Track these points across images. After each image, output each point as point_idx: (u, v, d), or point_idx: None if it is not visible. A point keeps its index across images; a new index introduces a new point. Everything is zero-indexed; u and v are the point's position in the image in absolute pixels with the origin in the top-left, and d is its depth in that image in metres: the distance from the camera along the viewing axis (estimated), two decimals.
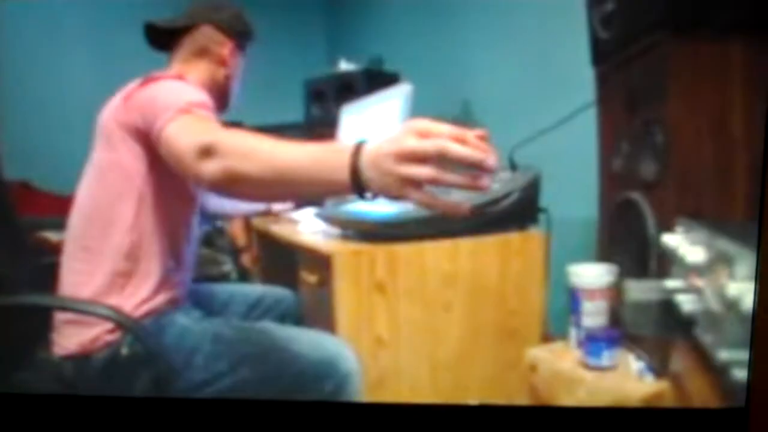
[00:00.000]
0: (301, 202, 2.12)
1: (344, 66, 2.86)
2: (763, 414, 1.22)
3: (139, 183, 1.39)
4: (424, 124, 0.87)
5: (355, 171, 0.91)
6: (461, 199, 1.39)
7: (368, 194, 0.93)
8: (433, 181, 0.86)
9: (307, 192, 1.11)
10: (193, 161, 1.11)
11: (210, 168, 1.08)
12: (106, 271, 1.39)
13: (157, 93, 1.36)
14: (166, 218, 1.44)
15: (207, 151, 1.09)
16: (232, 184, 1.08)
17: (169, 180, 1.33)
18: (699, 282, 1.03)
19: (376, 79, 2.62)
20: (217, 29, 1.59)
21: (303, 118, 3.01)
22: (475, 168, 0.85)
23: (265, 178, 1.03)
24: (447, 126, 0.87)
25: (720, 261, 0.94)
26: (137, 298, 1.39)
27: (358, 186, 0.92)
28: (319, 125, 2.82)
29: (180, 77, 1.47)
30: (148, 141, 1.33)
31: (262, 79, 1.88)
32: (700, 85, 1.41)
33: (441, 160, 0.85)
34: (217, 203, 1.92)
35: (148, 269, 1.42)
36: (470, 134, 0.87)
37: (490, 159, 0.85)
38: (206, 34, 1.58)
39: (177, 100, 1.29)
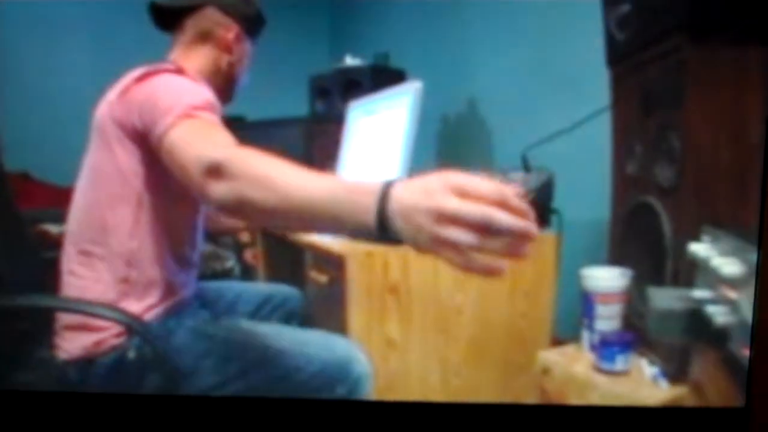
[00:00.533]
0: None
1: (350, 62, 2.84)
2: (763, 414, 1.22)
3: (137, 186, 1.34)
4: (463, 181, 0.81)
5: (382, 217, 0.86)
6: None
7: (394, 238, 0.87)
8: (475, 249, 0.80)
9: (324, 228, 1.05)
10: (200, 178, 1.05)
11: (219, 190, 1.02)
12: (108, 278, 1.35)
13: (157, 91, 1.29)
14: (168, 223, 1.39)
15: (216, 171, 1.02)
16: (242, 210, 1.02)
17: (169, 183, 1.24)
18: (732, 294, 1.01)
19: (381, 76, 2.60)
20: (223, 12, 1.50)
21: (307, 114, 2.99)
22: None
23: (279, 209, 0.97)
24: (486, 184, 0.80)
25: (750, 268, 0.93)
26: (143, 304, 1.36)
27: (384, 232, 0.87)
28: (323, 121, 2.81)
29: (180, 71, 1.39)
30: (146, 143, 1.27)
31: (266, 74, 1.86)
32: (719, 91, 1.40)
33: (483, 225, 0.79)
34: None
35: (153, 276, 1.37)
36: (511, 194, 0.81)
37: (534, 227, 0.80)
38: (210, 16, 1.49)
39: (178, 102, 1.23)
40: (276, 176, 0.97)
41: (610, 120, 1.76)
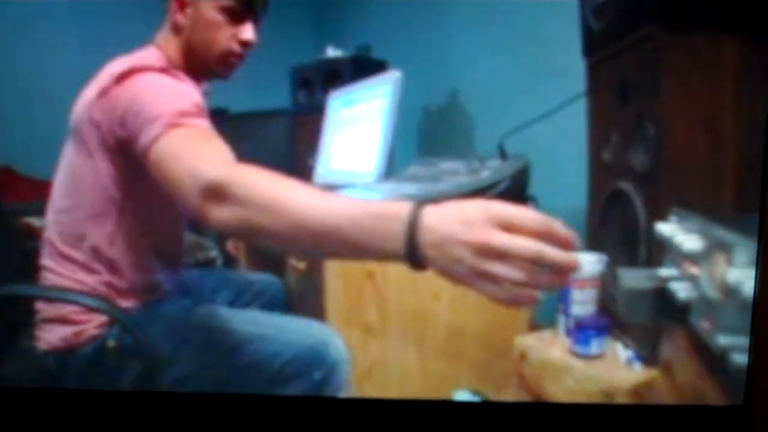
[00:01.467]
0: None
1: (331, 53, 2.85)
2: (763, 413, 1.23)
3: (117, 195, 1.30)
4: (507, 213, 0.77)
5: (412, 246, 0.80)
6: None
7: (422, 266, 0.81)
8: (524, 284, 0.76)
9: (344, 255, 0.99)
10: (197, 198, 0.97)
11: (221, 214, 0.94)
12: (89, 281, 1.33)
13: (140, 96, 1.20)
14: (151, 226, 1.36)
15: (216, 193, 0.94)
16: (249, 235, 0.97)
17: (152, 189, 1.14)
18: (694, 270, 1.03)
19: (363, 67, 2.61)
20: None
21: (290, 105, 3.00)
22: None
23: (291, 235, 0.89)
24: (531, 215, 0.77)
25: (718, 249, 0.95)
26: (124, 301, 1.35)
27: (415, 261, 0.81)
28: (305, 112, 2.82)
29: (164, 70, 1.29)
30: (129, 151, 1.19)
31: (248, 66, 1.85)
32: (693, 79, 1.42)
33: (532, 261, 0.75)
34: None
35: (136, 279, 1.36)
36: (556, 225, 0.77)
37: (577, 258, 0.77)
38: None
39: (164, 108, 1.14)
40: (286, 200, 0.90)
41: (587, 108, 1.78)
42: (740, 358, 0.89)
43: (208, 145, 1.09)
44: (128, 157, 1.21)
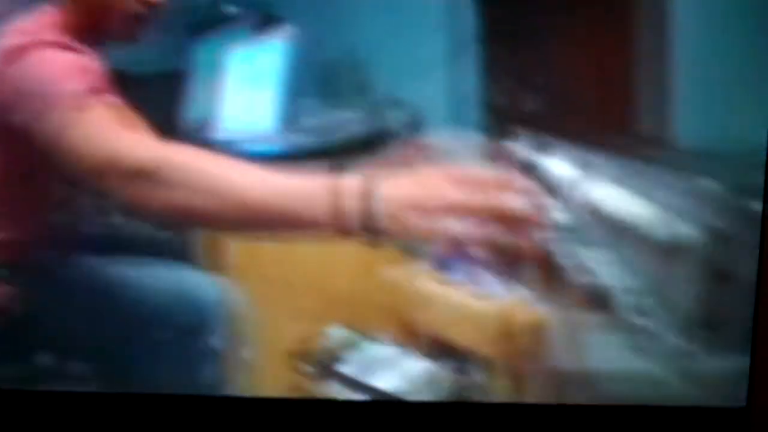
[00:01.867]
0: None
1: (228, 10, 2.79)
2: (763, 414, 1.27)
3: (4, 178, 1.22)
4: (460, 171, 0.76)
5: (367, 218, 0.79)
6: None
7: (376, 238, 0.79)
8: (489, 245, 0.75)
9: (293, 235, 0.96)
10: (125, 186, 0.95)
11: (154, 200, 0.93)
12: None
13: (33, 77, 1.12)
14: (44, 203, 1.30)
15: (147, 178, 0.93)
16: (186, 220, 0.95)
17: (44, 168, 1.12)
18: (568, 195, 1.07)
19: (260, 23, 2.57)
20: None
21: (185, 64, 2.93)
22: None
23: (233, 219, 0.89)
24: (485, 172, 0.76)
25: (585, 171, 0.98)
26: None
27: (371, 234, 0.80)
28: (202, 70, 2.76)
29: (59, 44, 1.18)
30: (21, 135, 1.11)
31: None
32: (583, 23, 1.45)
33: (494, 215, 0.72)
34: None
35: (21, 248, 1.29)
36: (514, 180, 0.76)
37: (541, 213, 0.74)
38: None
39: (63, 89, 1.08)
40: (226, 180, 0.90)
41: (479, 55, 1.80)
42: (594, 270, 0.93)
43: (123, 123, 1.07)
44: (19, 140, 1.14)
